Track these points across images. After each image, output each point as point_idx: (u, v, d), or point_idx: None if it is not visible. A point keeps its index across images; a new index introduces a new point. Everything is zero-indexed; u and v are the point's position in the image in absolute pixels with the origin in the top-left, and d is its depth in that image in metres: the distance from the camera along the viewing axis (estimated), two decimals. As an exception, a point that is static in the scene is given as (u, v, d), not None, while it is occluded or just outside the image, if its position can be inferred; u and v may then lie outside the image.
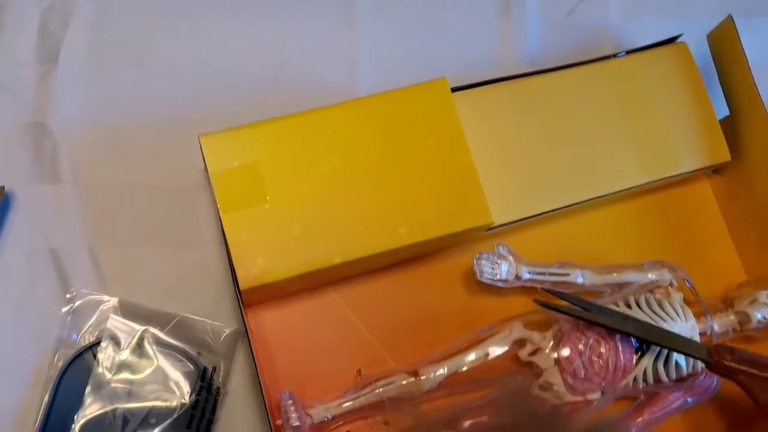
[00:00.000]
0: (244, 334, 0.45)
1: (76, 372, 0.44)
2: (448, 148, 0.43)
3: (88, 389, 0.43)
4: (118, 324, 0.44)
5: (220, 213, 0.40)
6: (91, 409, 0.43)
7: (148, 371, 0.44)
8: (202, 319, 0.46)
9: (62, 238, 0.46)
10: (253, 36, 0.51)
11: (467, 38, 0.52)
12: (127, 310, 0.45)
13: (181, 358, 0.44)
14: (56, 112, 0.48)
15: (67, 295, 0.45)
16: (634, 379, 0.41)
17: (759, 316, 0.43)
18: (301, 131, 0.42)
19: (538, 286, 0.45)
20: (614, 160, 0.46)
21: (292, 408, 0.40)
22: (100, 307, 0.45)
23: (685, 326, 0.42)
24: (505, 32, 0.53)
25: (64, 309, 0.45)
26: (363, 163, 0.42)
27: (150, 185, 0.47)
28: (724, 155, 0.47)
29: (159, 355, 0.44)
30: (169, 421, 0.43)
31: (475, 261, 0.44)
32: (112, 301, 0.45)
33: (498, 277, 0.44)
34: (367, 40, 0.52)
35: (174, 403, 0.43)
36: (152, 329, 0.45)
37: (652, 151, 0.47)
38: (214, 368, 0.45)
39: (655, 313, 0.42)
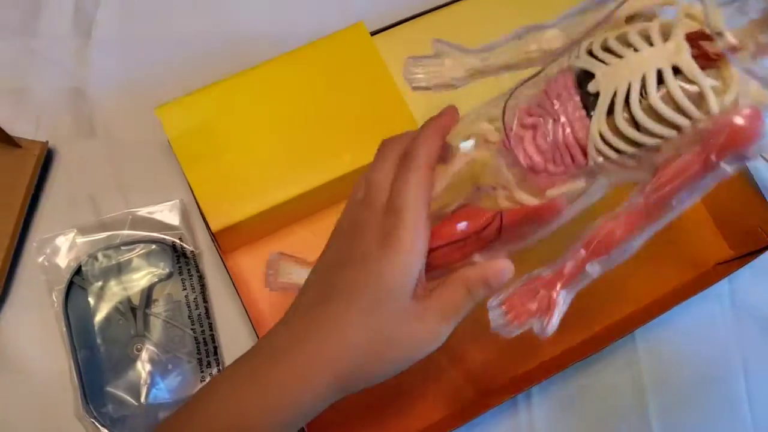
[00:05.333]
0: (193, 202, 0.50)
1: (75, 297, 0.49)
2: (374, 81, 0.47)
3: (90, 302, 0.49)
4: (85, 244, 0.50)
5: (183, 170, 0.44)
6: (101, 314, 0.49)
7: (130, 266, 0.50)
8: (150, 207, 0.51)
9: (97, 185, 0.52)
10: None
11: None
12: (87, 231, 0.50)
13: (150, 243, 0.50)
14: (91, 79, 0.54)
15: (34, 244, 0.50)
16: (599, 151, 0.29)
17: None
18: (244, 88, 0.46)
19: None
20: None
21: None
22: (65, 241, 0.50)
23: (659, 50, 0.28)
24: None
25: (39, 259, 0.49)
26: (303, 107, 0.46)
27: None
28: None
29: (131, 251, 0.50)
30: (167, 291, 0.49)
31: (403, 70, 0.37)
32: (72, 231, 0.50)
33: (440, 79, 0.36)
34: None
35: (163, 277, 0.49)
36: (116, 233, 0.50)
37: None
38: (180, 238, 0.50)
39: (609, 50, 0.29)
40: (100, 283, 0.49)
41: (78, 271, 0.50)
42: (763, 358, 0.53)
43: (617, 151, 0.29)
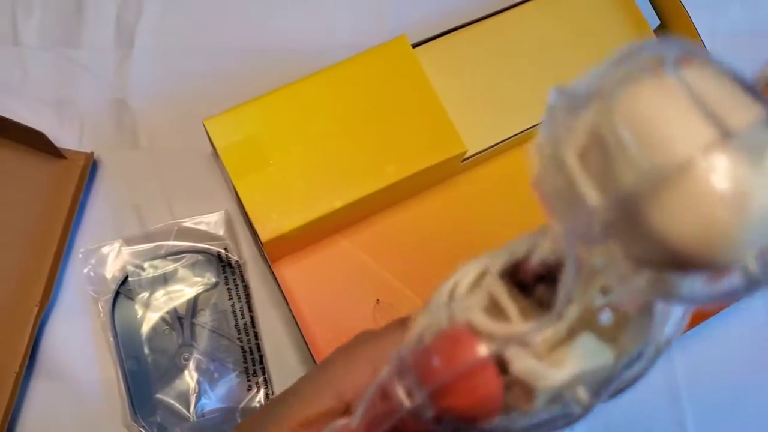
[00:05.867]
0: (237, 212, 0.52)
1: (121, 307, 0.50)
2: (416, 93, 0.48)
3: (137, 312, 0.49)
4: (132, 255, 0.50)
5: (233, 181, 0.45)
6: (148, 324, 0.49)
7: (176, 276, 0.50)
8: (194, 218, 0.51)
9: (141, 195, 0.53)
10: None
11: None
12: (133, 241, 0.51)
13: (195, 254, 0.51)
14: (134, 90, 0.55)
15: (80, 254, 0.51)
16: None
17: None
18: (290, 101, 0.47)
19: None
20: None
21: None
22: (111, 251, 0.51)
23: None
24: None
25: (85, 269, 0.50)
26: (347, 120, 0.47)
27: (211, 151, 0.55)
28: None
29: (177, 261, 0.51)
30: (212, 301, 0.50)
31: None
32: (117, 241, 0.51)
33: None
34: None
35: (209, 287, 0.50)
36: (161, 243, 0.51)
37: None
38: (225, 248, 0.51)
39: None
40: (146, 293, 0.50)
41: (124, 281, 0.50)
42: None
43: None
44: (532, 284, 0.23)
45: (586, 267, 0.20)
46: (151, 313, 0.50)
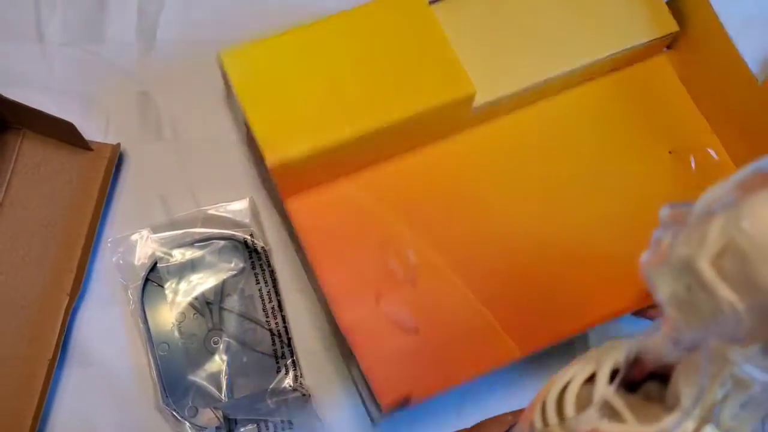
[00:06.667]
0: (261, 199, 0.52)
1: (150, 294, 0.51)
2: (428, 39, 0.48)
3: (167, 298, 0.50)
4: (159, 242, 0.51)
5: (244, 108, 0.45)
6: (177, 309, 0.50)
7: (203, 262, 0.51)
8: (220, 205, 0.52)
9: (167, 185, 0.54)
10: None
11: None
12: (160, 229, 0.52)
13: (222, 241, 0.51)
14: (157, 82, 0.56)
15: (108, 244, 0.52)
16: None
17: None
18: (305, 40, 0.48)
19: None
20: (568, 38, 0.51)
21: None
22: (139, 239, 0.52)
23: None
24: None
25: (114, 258, 0.52)
26: (359, 60, 0.47)
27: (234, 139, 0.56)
28: (672, 26, 0.52)
29: (204, 248, 0.51)
30: (240, 286, 0.51)
31: None
32: (145, 229, 0.52)
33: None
34: None
35: (236, 272, 0.51)
36: (187, 230, 0.52)
37: (604, 26, 0.51)
38: (251, 234, 0.52)
39: None
40: (175, 280, 0.51)
41: (152, 268, 0.51)
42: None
43: None
44: (639, 381, 0.25)
45: (716, 363, 0.22)
46: (180, 298, 0.51)
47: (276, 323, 0.51)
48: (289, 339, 0.51)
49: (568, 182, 0.53)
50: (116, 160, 0.53)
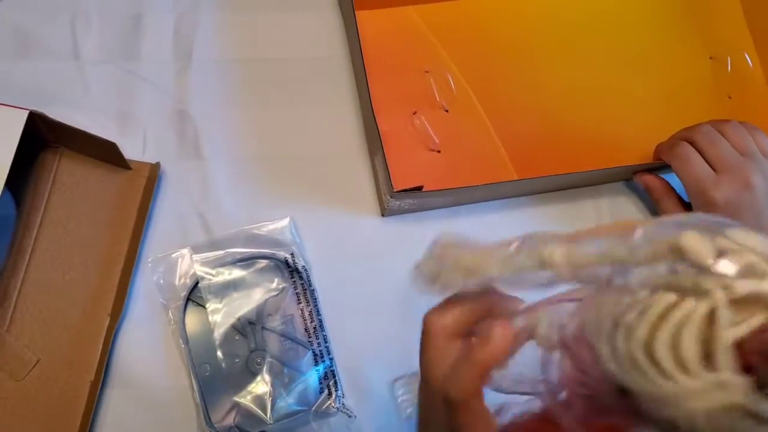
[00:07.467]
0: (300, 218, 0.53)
1: (192, 314, 0.51)
2: None
3: (208, 318, 0.50)
4: (200, 262, 0.51)
5: None
6: (219, 330, 0.50)
7: (244, 282, 0.51)
8: (260, 224, 0.52)
9: (206, 203, 0.54)
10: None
11: None
12: (201, 249, 0.51)
13: (263, 260, 0.51)
14: (194, 100, 0.55)
15: (149, 263, 0.51)
16: None
17: None
18: None
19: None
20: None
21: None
22: (180, 258, 0.51)
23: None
24: None
25: (154, 277, 0.51)
26: None
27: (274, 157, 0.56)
28: None
29: (245, 268, 0.51)
30: (281, 305, 0.50)
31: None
32: (186, 249, 0.51)
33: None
34: None
35: (277, 292, 0.51)
36: (228, 250, 0.51)
37: None
38: (292, 254, 0.51)
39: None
40: (216, 300, 0.51)
41: (193, 288, 0.51)
42: None
43: None
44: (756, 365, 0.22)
45: None
46: (221, 318, 0.50)
47: (318, 343, 0.50)
48: (331, 359, 0.50)
49: (610, 59, 0.60)
50: (156, 179, 0.53)
